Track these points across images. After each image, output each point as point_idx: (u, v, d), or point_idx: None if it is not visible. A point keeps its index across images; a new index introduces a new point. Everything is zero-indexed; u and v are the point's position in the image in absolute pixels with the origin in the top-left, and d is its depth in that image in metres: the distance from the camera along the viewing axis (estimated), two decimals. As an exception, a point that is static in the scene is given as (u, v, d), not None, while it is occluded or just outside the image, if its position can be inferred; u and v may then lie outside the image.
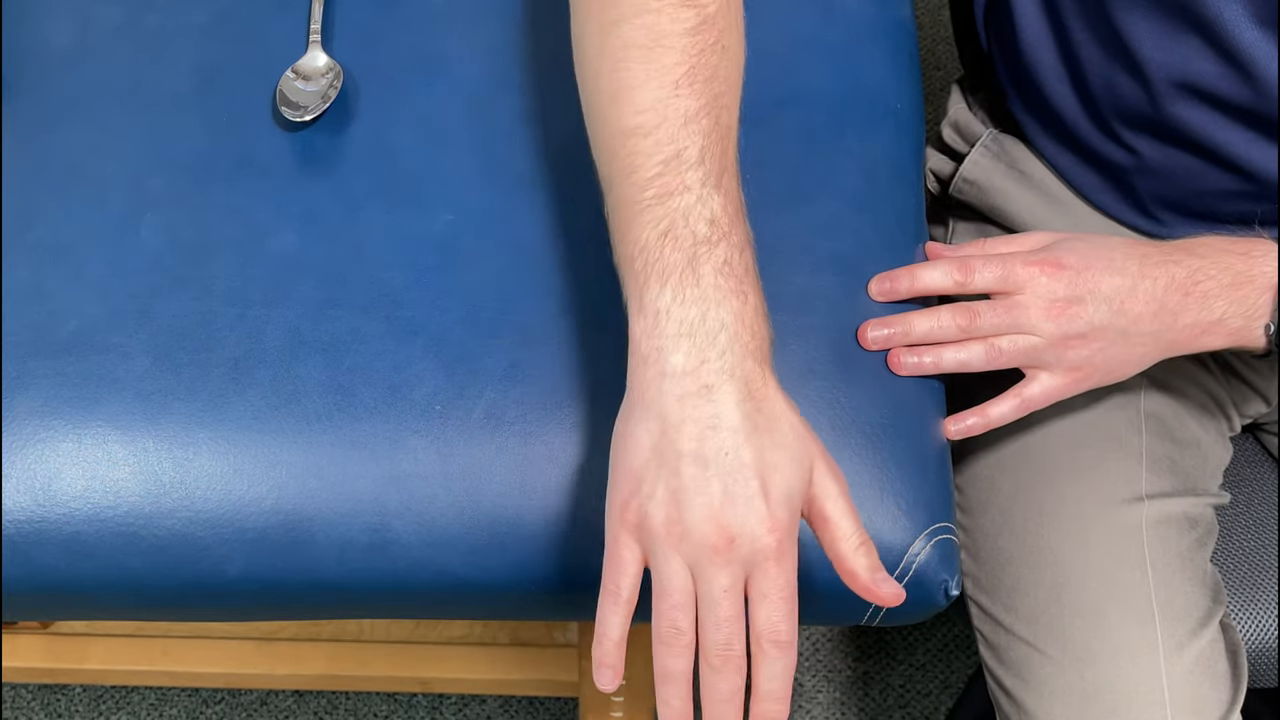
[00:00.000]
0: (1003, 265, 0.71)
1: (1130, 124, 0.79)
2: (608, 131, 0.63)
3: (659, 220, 0.59)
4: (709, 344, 0.57)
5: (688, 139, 0.60)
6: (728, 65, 0.63)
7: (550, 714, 1.37)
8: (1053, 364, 0.72)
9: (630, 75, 0.62)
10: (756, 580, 0.57)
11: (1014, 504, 0.82)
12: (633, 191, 0.60)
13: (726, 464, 0.56)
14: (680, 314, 0.58)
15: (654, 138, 0.60)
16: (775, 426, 0.58)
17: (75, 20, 0.80)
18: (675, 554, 0.56)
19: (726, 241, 0.59)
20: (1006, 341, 0.71)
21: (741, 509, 0.56)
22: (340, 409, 0.68)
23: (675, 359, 0.57)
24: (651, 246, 0.59)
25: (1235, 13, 0.70)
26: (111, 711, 1.37)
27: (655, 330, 0.58)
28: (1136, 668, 0.76)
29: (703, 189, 0.60)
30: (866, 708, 1.37)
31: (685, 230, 0.59)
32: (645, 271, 0.59)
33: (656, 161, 0.60)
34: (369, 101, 0.76)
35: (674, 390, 0.57)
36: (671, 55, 0.62)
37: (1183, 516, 0.82)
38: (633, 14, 0.63)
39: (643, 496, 0.57)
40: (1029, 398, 0.73)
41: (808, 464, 0.58)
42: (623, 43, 0.63)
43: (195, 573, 0.67)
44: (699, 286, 0.58)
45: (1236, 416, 0.91)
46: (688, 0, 0.63)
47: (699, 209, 0.59)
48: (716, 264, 0.58)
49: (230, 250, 0.72)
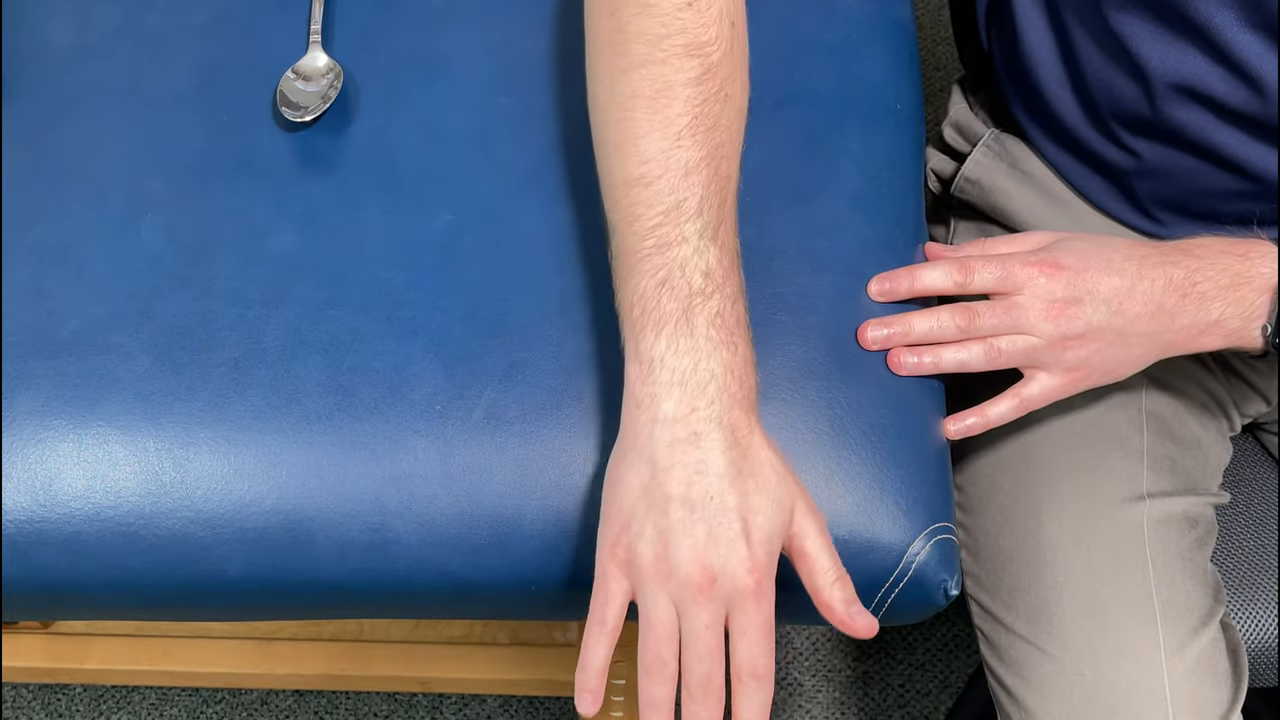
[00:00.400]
0: (1001, 266, 0.71)
1: (1130, 126, 0.79)
2: (613, 179, 0.65)
3: (657, 270, 0.62)
4: (699, 393, 0.60)
5: (688, 190, 0.63)
6: (730, 114, 0.65)
7: (550, 714, 1.37)
8: (1051, 364, 0.72)
9: (635, 125, 0.64)
10: (736, 617, 0.60)
11: (1015, 503, 0.82)
12: (634, 240, 0.63)
13: (712, 508, 0.59)
14: (674, 363, 0.60)
15: (655, 188, 0.63)
16: (759, 471, 0.60)
17: (75, 20, 0.80)
18: (661, 591, 0.60)
19: (720, 294, 0.61)
20: (1005, 342, 0.71)
21: (724, 550, 0.59)
22: (340, 409, 0.68)
23: (667, 406, 0.60)
24: (649, 295, 0.61)
25: (1227, 18, 0.71)
26: (112, 711, 1.37)
27: (649, 377, 0.61)
28: (1138, 667, 0.76)
29: (700, 240, 0.62)
30: (866, 707, 1.37)
31: (682, 281, 0.61)
32: (643, 320, 0.61)
33: (657, 212, 0.62)
34: (369, 101, 0.76)
35: (664, 436, 0.60)
36: (675, 106, 0.64)
37: (1183, 516, 0.82)
38: (640, 64, 0.65)
39: (632, 535, 0.60)
40: (1027, 398, 0.73)
41: (789, 506, 0.61)
42: (630, 92, 0.65)
43: (195, 573, 0.67)
44: (692, 337, 0.60)
45: (1237, 416, 0.91)
46: (693, 49, 0.65)
47: (695, 260, 0.62)
48: (709, 315, 0.61)
49: (230, 250, 0.72)
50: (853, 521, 0.67)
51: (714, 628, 0.60)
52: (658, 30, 0.65)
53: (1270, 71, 0.71)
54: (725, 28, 0.66)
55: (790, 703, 1.38)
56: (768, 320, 0.70)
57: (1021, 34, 0.81)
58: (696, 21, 0.65)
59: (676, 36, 0.65)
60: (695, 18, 0.65)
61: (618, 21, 0.66)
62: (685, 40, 0.65)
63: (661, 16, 0.65)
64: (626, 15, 0.66)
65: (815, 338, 0.70)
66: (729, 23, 0.66)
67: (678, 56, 0.64)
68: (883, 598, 0.68)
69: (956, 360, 0.71)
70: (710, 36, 0.65)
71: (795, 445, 0.67)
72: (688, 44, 0.65)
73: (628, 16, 0.66)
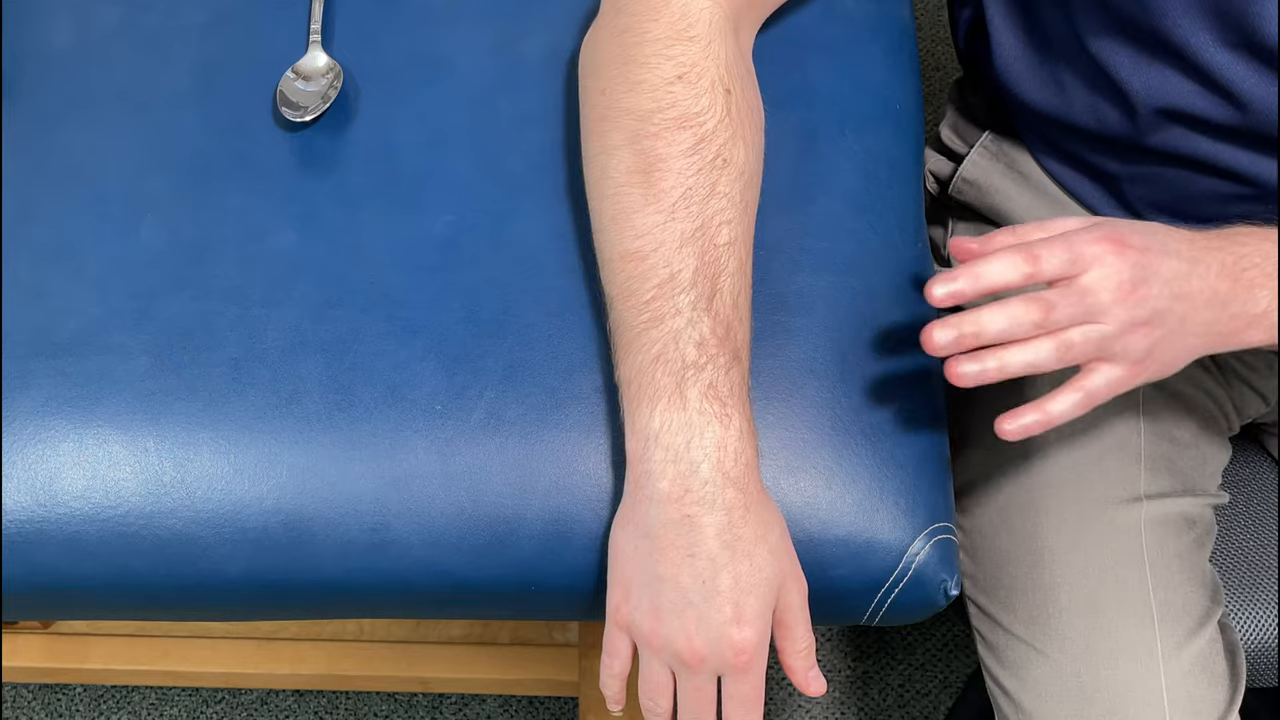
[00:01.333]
0: (1069, 246, 0.63)
1: (1118, 147, 0.79)
2: (609, 254, 0.65)
3: (652, 344, 0.62)
4: (691, 474, 0.61)
5: (681, 263, 0.63)
6: (729, 178, 0.65)
7: (550, 714, 1.37)
8: (1119, 355, 0.64)
9: (629, 200, 0.65)
10: (726, 684, 0.64)
11: (1012, 504, 0.82)
12: (630, 315, 0.63)
13: (703, 591, 0.61)
14: (667, 440, 0.61)
15: (650, 261, 0.63)
16: (753, 552, 0.61)
17: (75, 20, 0.80)
18: (656, 658, 0.64)
19: (713, 364, 0.62)
20: (1078, 334, 0.63)
21: (713, 635, 0.62)
22: (341, 409, 0.68)
23: (661, 485, 0.61)
24: (645, 370, 0.62)
25: (1202, 39, 0.70)
26: (112, 711, 1.37)
27: (644, 455, 0.62)
28: (1135, 668, 0.76)
29: (693, 312, 0.62)
30: (866, 707, 1.37)
31: (675, 354, 0.62)
32: (639, 395, 0.62)
33: (651, 285, 0.63)
34: (369, 101, 0.76)
35: (659, 515, 0.61)
36: (669, 179, 0.64)
37: (1181, 517, 0.82)
38: (631, 139, 0.65)
39: (630, 606, 0.63)
40: (1093, 391, 0.65)
41: (779, 583, 0.63)
42: (623, 167, 0.65)
43: (195, 573, 0.67)
44: (685, 411, 0.61)
45: (1235, 417, 0.91)
46: (685, 121, 0.64)
47: (689, 332, 0.62)
48: (702, 388, 0.61)
49: (230, 250, 0.72)
50: (853, 521, 0.67)
51: (705, 689, 0.64)
52: (649, 105, 0.65)
53: (1252, 87, 0.71)
54: (719, 95, 0.65)
55: (790, 703, 1.38)
56: (768, 320, 0.70)
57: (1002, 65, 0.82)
58: (688, 94, 0.65)
59: (668, 110, 0.64)
60: (686, 90, 0.65)
61: (609, 99, 0.66)
62: (677, 113, 0.64)
63: (652, 92, 0.65)
64: (617, 93, 0.66)
65: (815, 338, 0.70)
66: (723, 90, 0.65)
67: (670, 130, 0.64)
68: (883, 598, 0.68)
69: (1024, 363, 0.62)
70: (703, 106, 0.65)
71: (795, 445, 0.67)
72: (679, 116, 0.64)
73: (618, 94, 0.66)
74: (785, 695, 1.38)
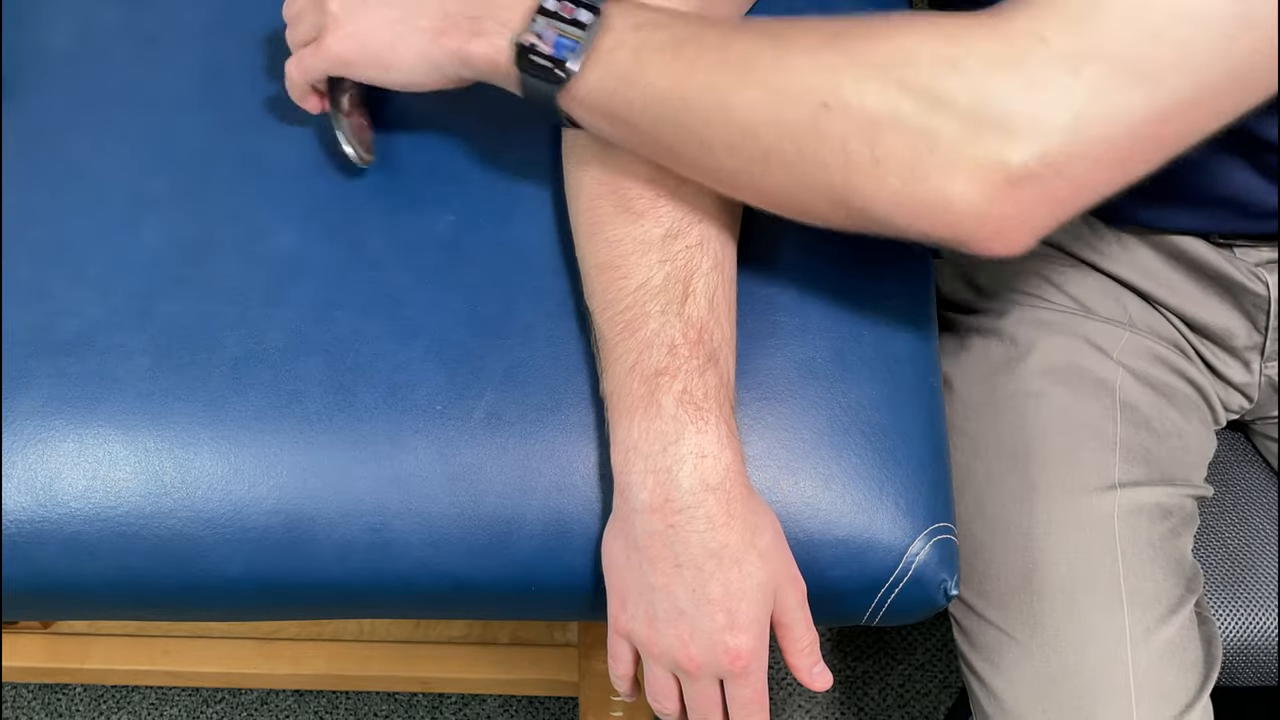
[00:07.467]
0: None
1: None
2: (586, 267, 0.66)
3: (627, 354, 0.62)
4: (670, 483, 0.60)
5: (651, 268, 0.63)
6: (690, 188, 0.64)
7: (550, 714, 1.37)
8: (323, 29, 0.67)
9: (601, 211, 0.65)
10: (728, 688, 0.63)
11: (988, 490, 0.83)
12: (607, 327, 0.63)
13: (694, 600, 0.61)
14: (645, 450, 0.61)
15: (621, 270, 0.63)
16: (741, 559, 0.61)
17: (75, 21, 0.80)
18: (658, 664, 0.64)
19: (686, 368, 0.61)
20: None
21: (708, 642, 0.61)
22: (341, 409, 0.68)
23: (643, 496, 0.61)
24: (623, 381, 0.62)
25: None
26: (112, 711, 1.37)
27: (626, 466, 0.61)
28: (1102, 653, 0.77)
29: (663, 317, 0.62)
30: (866, 707, 1.38)
31: (648, 362, 0.61)
32: (619, 407, 0.62)
33: (626, 294, 0.63)
34: (369, 101, 0.76)
35: (644, 526, 0.61)
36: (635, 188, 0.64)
37: (1156, 506, 0.83)
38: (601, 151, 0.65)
39: (628, 616, 0.64)
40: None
41: (773, 586, 0.62)
42: (595, 180, 0.66)
43: (195, 573, 0.67)
44: (660, 419, 0.60)
45: (1221, 408, 0.92)
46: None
47: (660, 337, 0.61)
48: (676, 394, 0.60)
49: (231, 250, 0.72)
50: (853, 521, 0.67)
51: (708, 693, 0.64)
52: None
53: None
54: None
55: (790, 703, 1.38)
56: (765, 320, 0.70)
57: None
58: None
59: None
60: None
61: None
62: None
63: None
64: None
65: (815, 338, 0.70)
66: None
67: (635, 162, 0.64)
68: (883, 598, 0.68)
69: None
70: None
71: (795, 445, 0.67)
72: None
73: None
74: (785, 695, 1.38)
